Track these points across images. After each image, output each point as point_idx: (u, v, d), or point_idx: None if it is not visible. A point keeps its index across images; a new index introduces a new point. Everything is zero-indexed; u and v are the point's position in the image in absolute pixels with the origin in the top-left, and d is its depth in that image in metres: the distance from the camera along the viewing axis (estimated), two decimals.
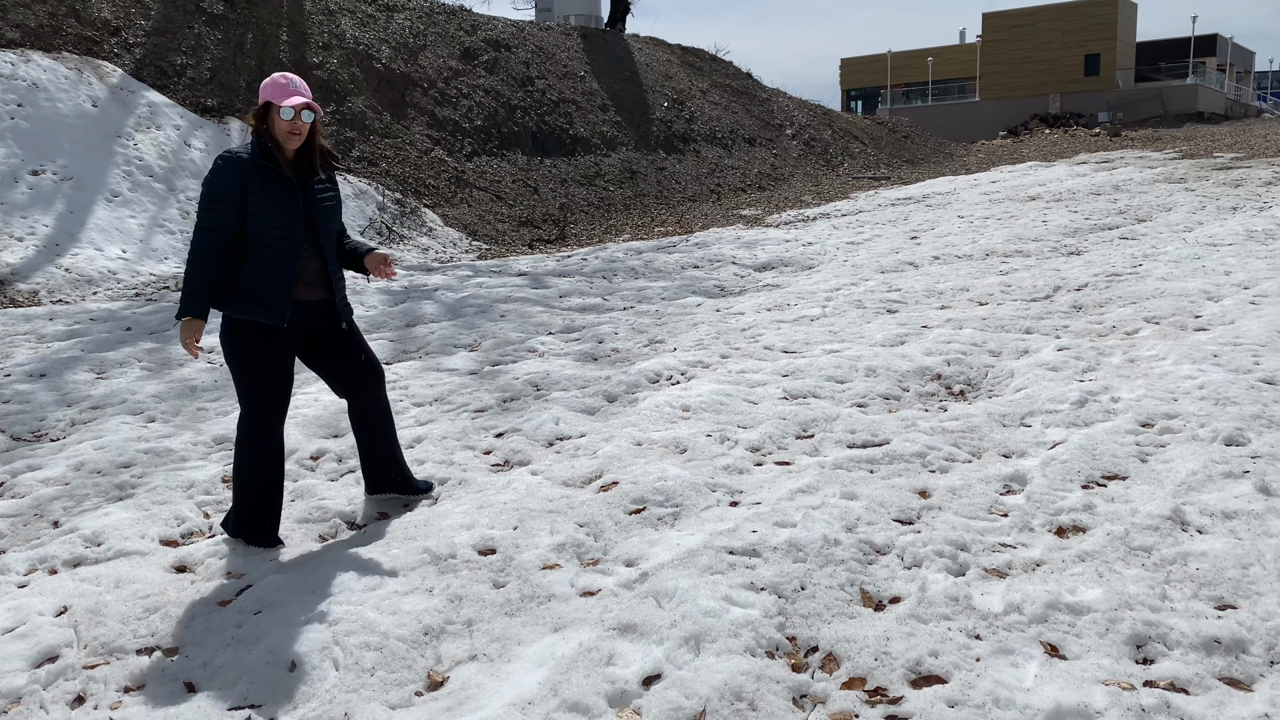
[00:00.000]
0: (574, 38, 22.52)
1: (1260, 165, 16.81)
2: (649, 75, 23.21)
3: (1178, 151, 21.50)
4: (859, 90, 59.77)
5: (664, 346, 6.67)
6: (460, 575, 3.25)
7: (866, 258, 10.58)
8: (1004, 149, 30.06)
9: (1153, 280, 7.64)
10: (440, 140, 16.13)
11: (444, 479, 4.24)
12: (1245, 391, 4.60)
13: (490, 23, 20.49)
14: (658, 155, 20.16)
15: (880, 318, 7.28)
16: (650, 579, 3.15)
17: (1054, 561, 3.17)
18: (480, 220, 14.51)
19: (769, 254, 11.27)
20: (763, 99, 26.49)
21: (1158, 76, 48.70)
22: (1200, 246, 9.14)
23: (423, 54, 17.62)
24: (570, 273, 10.23)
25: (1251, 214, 11.41)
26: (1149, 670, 2.58)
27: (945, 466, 4.08)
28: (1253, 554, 3.07)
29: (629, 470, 4.08)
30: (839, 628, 2.84)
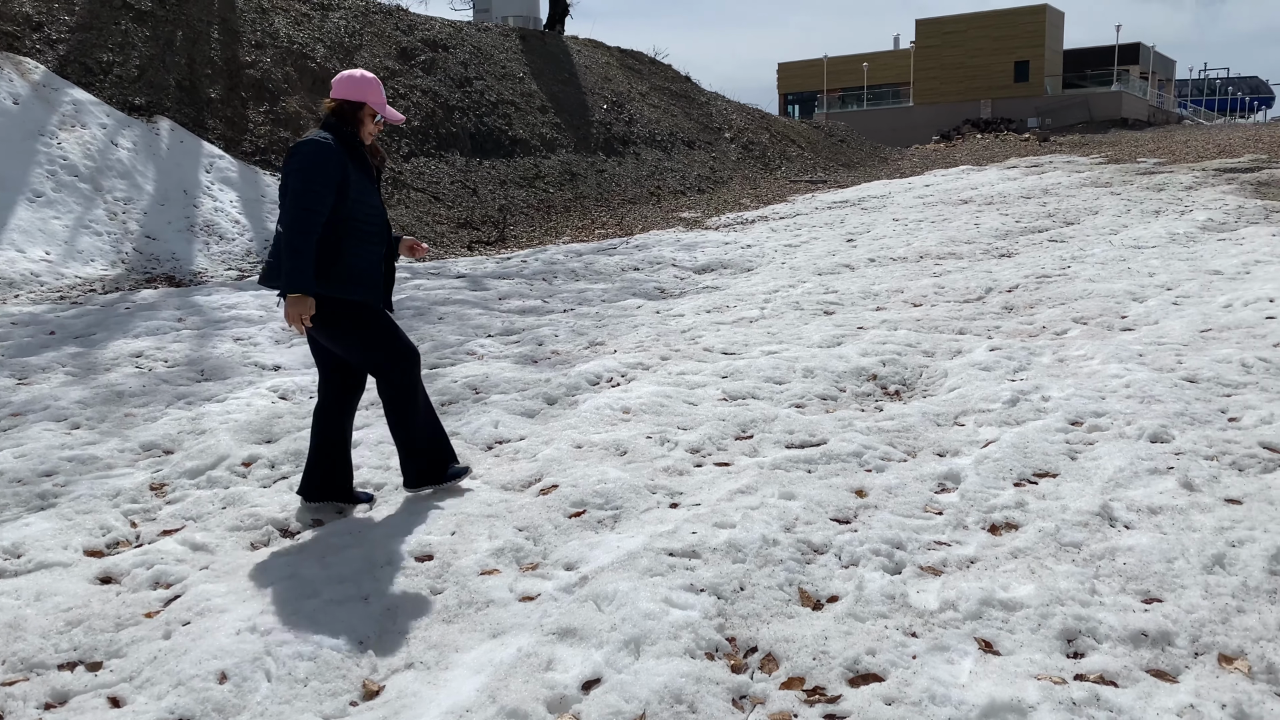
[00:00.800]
0: (512, 39, 22.41)
1: (1181, 170, 17.34)
2: (588, 77, 23.18)
3: (1104, 156, 22.08)
4: (796, 94, 60.40)
5: (604, 349, 6.65)
6: (396, 582, 3.20)
7: (804, 260, 10.68)
8: (937, 153, 30.60)
9: (1081, 282, 7.83)
10: (377, 140, 15.93)
11: (380, 484, 4.17)
12: (1169, 390, 4.73)
13: (427, 23, 20.29)
14: (598, 157, 20.14)
15: (818, 319, 7.35)
16: (590, 582, 3.13)
17: (987, 558, 3.22)
18: (418, 222, 14.35)
19: (709, 256, 11.32)
20: (701, 102, 26.62)
21: (1084, 83, 50.02)
22: (1125, 249, 9.39)
23: (359, 54, 17.38)
24: (510, 275, 10.17)
25: (1173, 217, 11.76)
26: (1079, 664, 2.63)
27: (881, 466, 4.13)
28: (1177, 548, 3.15)
29: (569, 473, 4.06)
30: (778, 628, 2.85)
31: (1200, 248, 9.42)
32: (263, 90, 14.73)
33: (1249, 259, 8.46)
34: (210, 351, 6.71)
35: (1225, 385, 4.84)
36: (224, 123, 13.81)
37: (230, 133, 13.71)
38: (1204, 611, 2.80)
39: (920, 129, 45.54)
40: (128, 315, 7.73)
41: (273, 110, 14.58)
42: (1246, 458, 3.92)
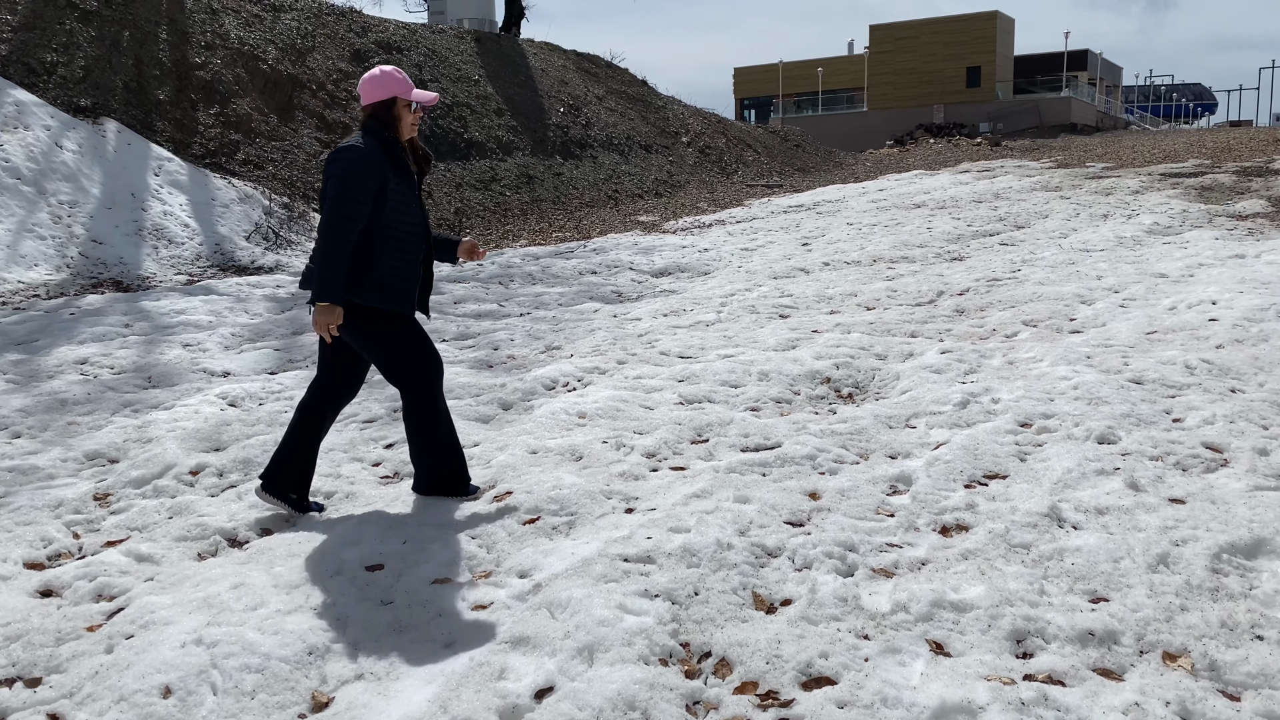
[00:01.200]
0: (468, 41, 22.30)
1: (1129, 175, 17.68)
2: (545, 80, 23.13)
3: (1053, 161, 22.45)
4: (752, 99, 60.77)
5: (561, 353, 6.63)
6: (347, 592, 3.15)
7: (760, 264, 10.73)
8: (891, 158, 30.93)
9: (1030, 285, 7.94)
10: (330, 143, 15.74)
11: (330, 493, 4.11)
12: (1116, 391, 4.81)
13: (381, 25, 20.12)
14: (555, 160, 20.09)
15: (773, 323, 7.39)
16: (544, 590, 3.11)
17: (938, 560, 3.25)
18: None
19: (666, 260, 11.34)
20: (658, 106, 26.67)
21: (1034, 89, 50.87)
22: (1074, 252, 9.55)
23: (311, 55, 17.19)
24: (465, 278, 10.10)
25: (1121, 221, 11.99)
26: (1028, 664, 2.66)
27: (834, 468, 4.15)
28: (1123, 548, 3.20)
29: (523, 479, 4.04)
30: (731, 632, 2.86)
31: (1146, 251, 9.61)
32: (213, 92, 14.51)
33: (1193, 262, 8.64)
34: (158, 358, 6.59)
35: (1170, 386, 4.94)
36: (173, 125, 13.58)
37: (180, 135, 13.49)
38: (1149, 610, 2.85)
39: (874, 134, 46.04)
40: (72, 321, 7.57)
41: (223, 112, 14.37)
42: (1190, 458, 3.99)
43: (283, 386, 5.76)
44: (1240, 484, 3.71)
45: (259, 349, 6.85)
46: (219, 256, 11.29)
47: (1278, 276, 7.62)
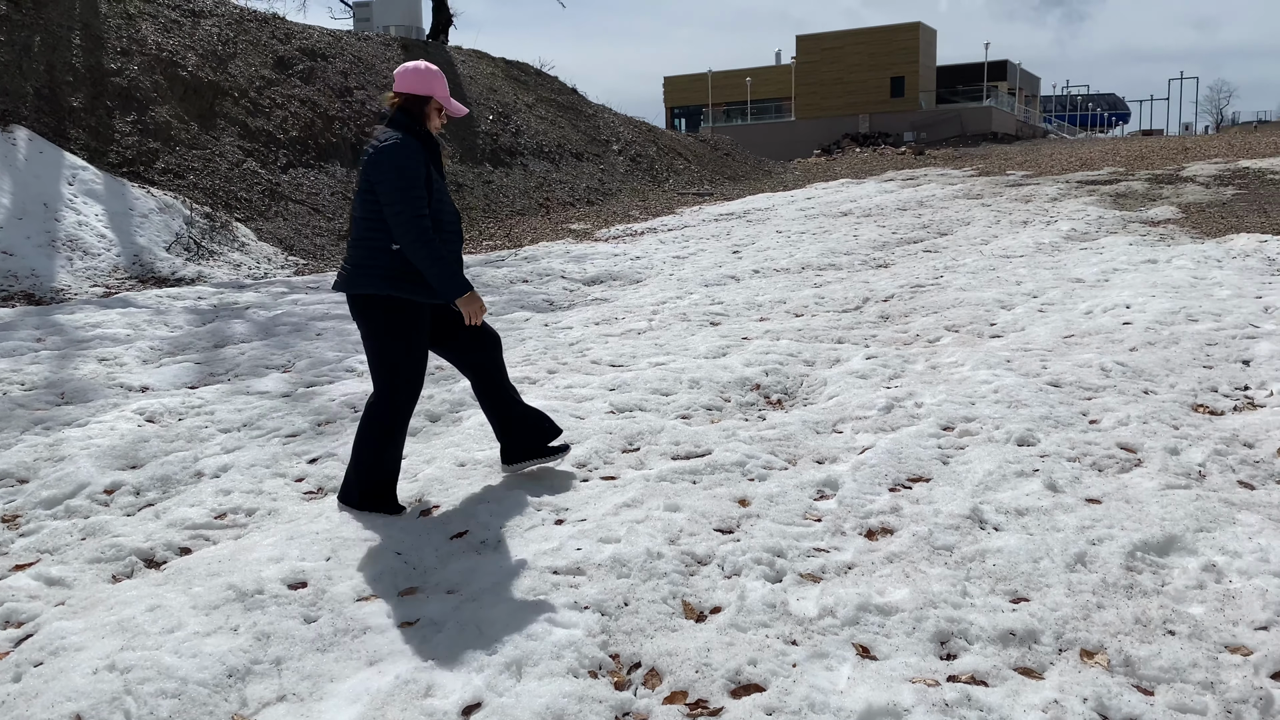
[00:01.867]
0: (394, 48, 22.05)
1: (1047, 182, 18.17)
2: (473, 88, 22.98)
3: (975, 169, 22.99)
4: (682, 108, 61.13)
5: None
6: (268, 611, 3.08)
7: (691, 271, 10.79)
8: (818, 167, 31.38)
9: (952, 291, 8.11)
10: (253, 151, 15.44)
11: (252, 509, 4.02)
12: (1034, 394, 4.93)
13: (305, 31, 19.80)
14: (484, 168, 19.97)
15: (704, 330, 7.42)
16: (471, 605, 3.08)
17: (864, 564, 3.29)
18: (297, 234, 13.96)
19: (598, 268, 11.33)
20: (589, 114, 26.68)
21: (956, 99, 52.05)
22: (995, 258, 9.78)
23: (233, 62, 16.84)
24: None
25: (1040, 227, 12.32)
26: (952, 665, 2.70)
27: (763, 475, 4.18)
28: (1042, 548, 3.28)
29: (451, 493, 3.99)
30: (661, 642, 2.85)
31: (1064, 257, 9.88)
32: (130, 99, 14.12)
33: (1108, 267, 8.91)
34: (72, 373, 6.38)
35: (1086, 389, 5.08)
36: (88, 133, 13.18)
37: (95, 143, 13.10)
38: (1067, 609, 2.92)
39: (802, 143, 46.66)
40: None
41: (141, 120, 13.99)
42: (1105, 458, 4.11)
43: (203, 401, 5.61)
44: (1153, 483, 3.82)
45: (179, 362, 6.67)
46: (137, 268, 10.98)
47: (1187, 281, 7.89)
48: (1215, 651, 2.70)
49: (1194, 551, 3.26)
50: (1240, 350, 5.73)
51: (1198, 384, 5.14)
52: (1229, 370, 5.39)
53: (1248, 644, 2.73)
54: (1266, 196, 14.47)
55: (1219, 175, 17.20)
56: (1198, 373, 5.33)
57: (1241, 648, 2.72)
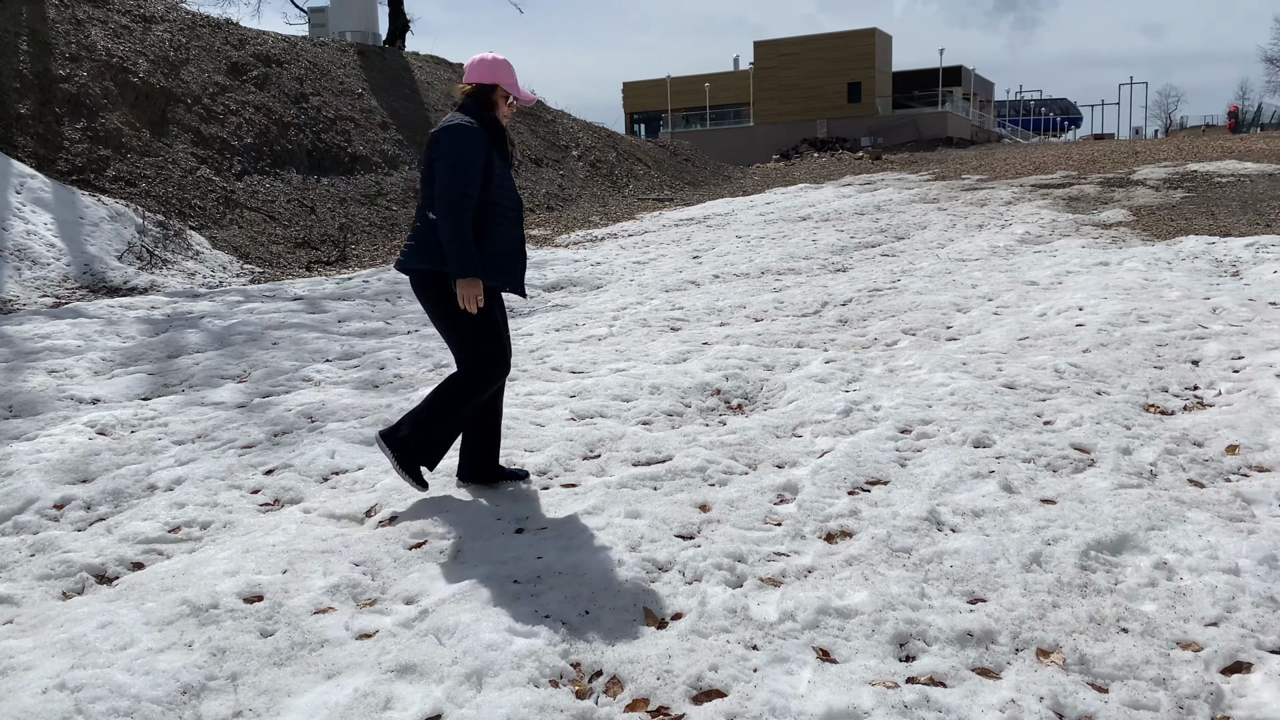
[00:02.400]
0: (350, 54, 21.88)
1: (1002, 186, 18.43)
2: (431, 94, 22.86)
3: (931, 174, 23.26)
4: (641, 114, 61.26)
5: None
6: (223, 626, 3.03)
7: (652, 277, 10.80)
8: (777, 172, 31.57)
9: (910, 294, 8.19)
10: (207, 159, 15.24)
11: (207, 523, 3.96)
12: (990, 396, 4.99)
13: (260, 37, 19.58)
14: None
15: (664, 335, 7.43)
16: (431, 616, 3.05)
17: (824, 567, 3.30)
18: (253, 242, 13.79)
19: (558, 274, 11.30)
20: (548, 120, 26.65)
21: (912, 104, 52.66)
22: (951, 262, 9.89)
23: (185, 68, 16.61)
24: (351, 296, 9.88)
25: (995, 231, 12.48)
26: (911, 667, 2.72)
27: (724, 480, 4.19)
28: (999, 549, 3.31)
29: (409, 503, 3.95)
30: (623, 649, 2.85)
31: (1018, 260, 10.02)
32: (80, 106, 13.88)
33: (1061, 270, 9.05)
34: (20, 385, 6.24)
35: (1040, 390, 5.15)
36: (36, 140, 12.93)
37: (44, 151, 12.85)
38: (1023, 609, 2.95)
39: (761, 148, 46.94)
40: None
41: (91, 127, 13.75)
42: (1060, 459, 4.17)
43: (157, 412, 5.52)
44: (1106, 483, 3.88)
45: (131, 374, 6.56)
46: (89, 277, 10.78)
47: (1139, 283, 8.03)
48: (1167, 648, 2.75)
49: (1146, 550, 3.31)
50: (1189, 351, 5.84)
51: (1149, 384, 5.23)
52: (1179, 370, 5.50)
53: (1198, 640, 2.78)
54: (1214, 199, 14.78)
55: (1168, 178, 17.54)
56: (1149, 373, 5.43)
57: (1192, 644, 2.77)
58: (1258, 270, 8.44)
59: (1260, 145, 24.45)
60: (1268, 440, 4.23)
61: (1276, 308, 6.78)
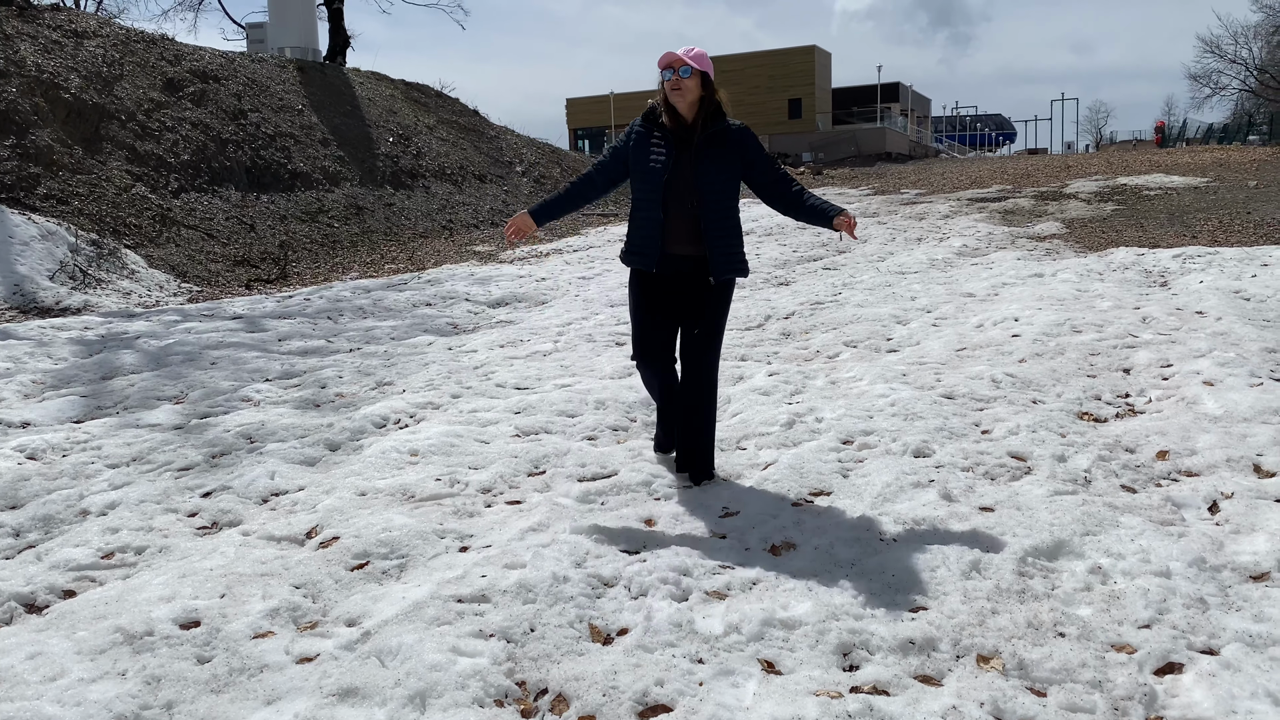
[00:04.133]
0: (290, 70, 21.64)
1: (939, 200, 18.77)
2: (372, 110, 22.69)
3: (871, 188, 23.61)
4: (585, 129, 61.36)
5: (392, 389, 6.47)
6: (158, 653, 2.96)
7: (597, 292, 10.81)
8: None
9: (850, 307, 8.30)
10: (142, 176, 14.94)
11: (141, 548, 3.86)
12: (929, 406, 5.07)
13: (196, 53, 19.29)
14: (385, 191, 19.70)
15: (609, 350, 7.44)
16: (373, 637, 3.01)
17: (768, 579, 3.32)
18: (190, 261, 13.54)
19: (503, 290, 11.27)
20: (491, 136, 26.59)
21: (852, 120, 53.46)
22: (891, 275, 10.05)
23: (119, 84, 16.29)
24: (291, 314, 9.74)
25: (933, 244, 12.70)
26: (854, 676, 2.75)
27: (669, 494, 4.20)
28: (939, 557, 3.36)
29: (351, 523, 3.90)
30: (568, 666, 2.83)
31: (956, 272, 10.21)
32: (8, 122, 13.53)
33: (997, 281, 9.24)
34: None
35: (978, 400, 5.24)
36: None
37: None
38: (963, 616, 3.00)
39: None
40: None
41: (21, 144, 13.42)
42: (997, 467, 4.24)
43: (89, 436, 5.38)
44: (1042, 490, 3.96)
45: (63, 396, 6.39)
46: (19, 298, 10.50)
47: (1072, 294, 8.23)
48: (1102, 651, 2.81)
49: (1081, 555, 3.39)
50: (1121, 359, 6.00)
51: (1082, 392, 5.36)
52: (1111, 379, 5.64)
53: (1132, 642, 2.84)
54: (1143, 211, 15.21)
55: (1099, 192, 18.02)
56: (1082, 382, 5.56)
57: (1126, 646, 2.83)
58: (1185, 280, 8.69)
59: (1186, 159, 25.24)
60: (1195, 445, 4.36)
61: (1203, 316, 6.99)
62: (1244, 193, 16.87)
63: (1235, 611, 2.98)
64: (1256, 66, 41.63)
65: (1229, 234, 12.31)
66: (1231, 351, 5.82)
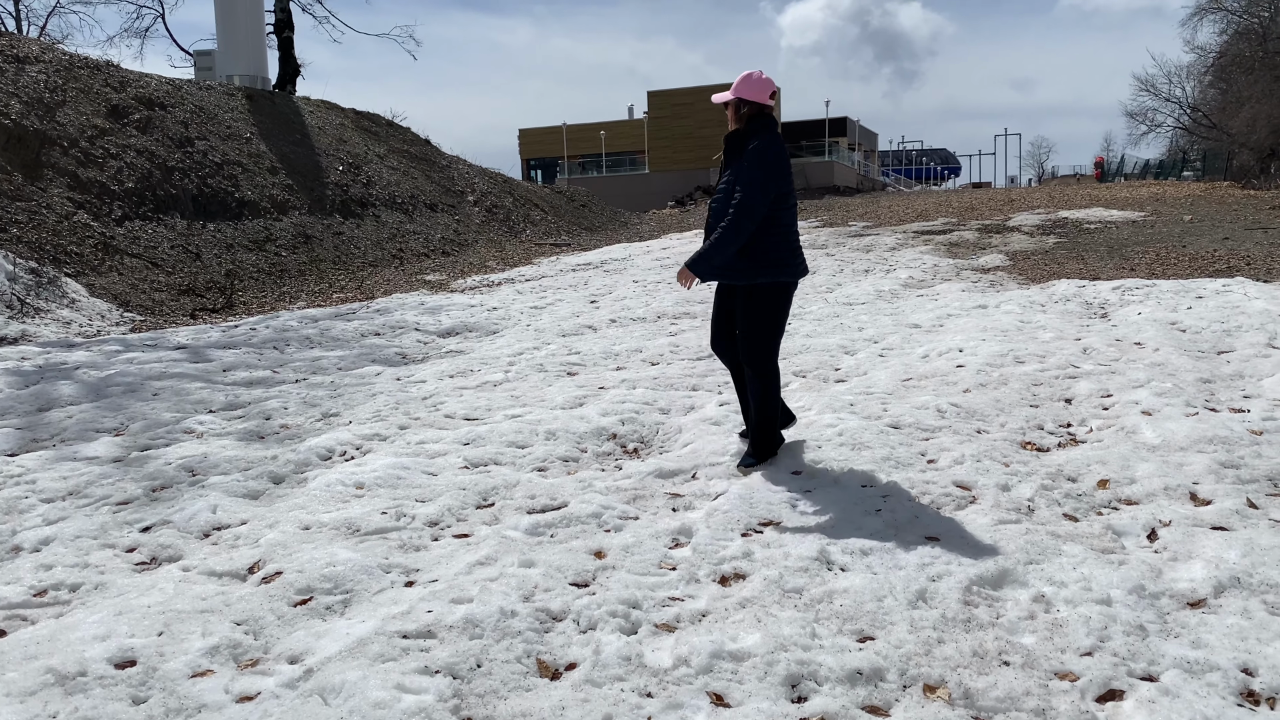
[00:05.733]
0: (238, 98, 21.45)
1: (886, 232, 19.07)
2: (322, 138, 22.55)
3: (820, 220, 23.92)
4: (538, 160, 61.55)
5: (338, 420, 6.38)
6: (91, 695, 2.87)
7: (549, 321, 10.79)
8: (673, 218, 32.03)
9: (800, 337, 8.37)
10: (85, 204, 14.67)
11: (76, 585, 3.75)
12: (876, 436, 5.12)
13: (142, 80, 19.05)
14: (334, 219, 19.54)
15: (561, 380, 7.42)
16: (316, 675, 2.95)
17: (718, 610, 3.32)
18: (134, 290, 13.29)
19: (454, 319, 11.20)
20: (443, 165, 26.54)
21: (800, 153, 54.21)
22: (839, 305, 10.17)
23: (62, 110, 16.02)
24: (237, 344, 9.59)
25: (880, 276, 12.89)
26: (803, 708, 2.75)
27: (619, 525, 4.18)
28: (885, 586, 3.38)
29: (294, 558, 3.83)
30: (515, 702, 2.80)
31: (902, 303, 10.36)
32: None
33: (943, 313, 9.38)
34: None
35: (923, 430, 5.31)
36: None
37: None
38: (910, 645, 3.02)
39: (656, 194, 47.63)
40: None
41: None
42: (943, 496, 4.29)
43: (24, 469, 5.23)
44: (986, 519, 4.01)
45: None
46: None
47: (1015, 325, 8.38)
48: (1046, 679, 2.84)
49: (1025, 583, 3.43)
50: (1063, 389, 6.11)
51: (1025, 422, 5.45)
52: (1053, 409, 5.74)
53: (1074, 670, 2.88)
54: (1084, 244, 15.58)
55: (1041, 225, 18.43)
56: (1025, 411, 5.65)
57: (1069, 674, 2.87)
58: (1124, 312, 8.91)
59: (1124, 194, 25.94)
60: (1135, 474, 4.44)
61: (1141, 347, 7.16)
62: (1180, 227, 17.37)
63: (1174, 638, 3.04)
64: (1190, 105, 43.03)
65: (1166, 266, 12.65)
66: (1168, 382, 5.97)
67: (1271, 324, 7.65)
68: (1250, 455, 4.58)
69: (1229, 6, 35.06)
